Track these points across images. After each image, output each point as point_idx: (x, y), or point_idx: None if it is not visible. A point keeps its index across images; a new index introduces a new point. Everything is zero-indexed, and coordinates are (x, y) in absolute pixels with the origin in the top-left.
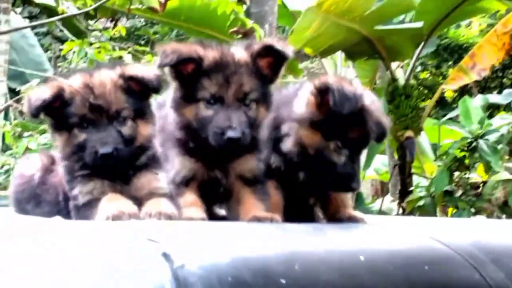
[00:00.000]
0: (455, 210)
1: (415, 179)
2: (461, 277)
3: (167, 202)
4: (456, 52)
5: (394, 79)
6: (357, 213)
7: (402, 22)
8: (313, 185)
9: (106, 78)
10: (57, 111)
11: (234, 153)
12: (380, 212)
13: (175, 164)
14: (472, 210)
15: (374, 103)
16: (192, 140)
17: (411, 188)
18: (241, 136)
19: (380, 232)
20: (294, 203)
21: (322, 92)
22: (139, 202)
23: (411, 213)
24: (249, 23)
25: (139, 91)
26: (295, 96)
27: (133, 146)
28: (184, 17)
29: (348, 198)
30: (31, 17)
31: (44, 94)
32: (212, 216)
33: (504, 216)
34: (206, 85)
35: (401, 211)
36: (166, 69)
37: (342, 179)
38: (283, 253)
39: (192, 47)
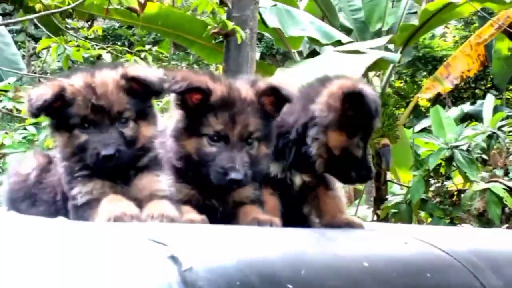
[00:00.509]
0: (430, 219)
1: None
2: (462, 285)
3: (168, 204)
4: (430, 63)
5: None
6: (355, 219)
7: (379, 31)
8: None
9: (108, 78)
10: (57, 111)
11: (233, 190)
12: None
13: (171, 186)
14: (447, 220)
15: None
16: (191, 171)
17: (387, 196)
18: (244, 178)
19: (381, 238)
20: (288, 212)
21: (351, 96)
22: (139, 203)
23: (385, 220)
24: (230, 24)
25: (141, 92)
26: (307, 101)
27: (134, 148)
28: (162, 22)
29: (344, 203)
30: (5, 14)
31: (45, 94)
32: None
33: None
34: (211, 122)
35: (375, 218)
36: (172, 96)
37: (362, 172)
38: (289, 258)
39: (202, 78)
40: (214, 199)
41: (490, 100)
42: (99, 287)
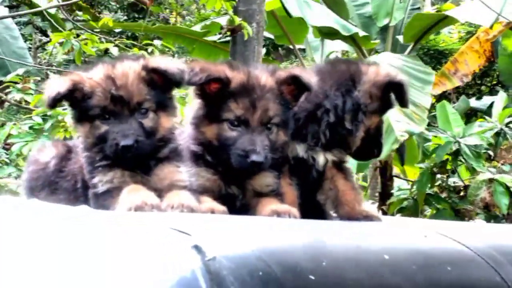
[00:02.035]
0: (434, 211)
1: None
2: (482, 278)
3: (188, 195)
4: (435, 58)
5: None
6: (373, 212)
7: (386, 27)
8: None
9: (129, 70)
10: (78, 103)
11: (254, 174)
12: None
13: (192, 176)
14: (451, 213)
15: None
16: (211, 156)
17: (392, 191)
18: (264, 160)
19: (400, 231)
20: (304, 203)
21: (393, 86)
22: (159, 193)
23: (391, 215)
24: (238, 20)
25: (161, 83)
26: (344, 87)
27: (154, 138)
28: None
29: (361, 195)
30: (12, 7)
31: (60, 86)
32: None
33: (482, 218)
34: (232, 107)
35: (381, 213)
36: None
37: (381, 146)
38: (311, 249)
39: (220, 68)
40: (234, 186)
41: (501, 97)
42: (123, 277)
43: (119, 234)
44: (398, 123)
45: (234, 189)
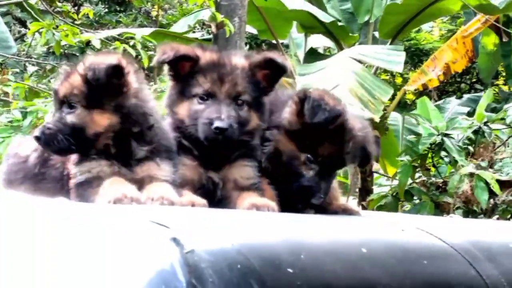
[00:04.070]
0: (414, 205)
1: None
2: (458, 273)
3: (169, 187)
4: (416, 56)
5: None
6: (352, 205)
7: (367, 23)
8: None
9: None
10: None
11: (224, 149)
12: None
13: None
14: (431, 207)
15: (362, 128)
16: (186, 139)
17: (373, 187)
18: (228, 128)
19: (377, 225)
20: (283, 200)
21: (302, 102)
22: (140, 186)
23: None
24: (220, 17)
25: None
26: (287, 103)
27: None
28: None
29: (338, 190)
30: None
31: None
32: None
33: (460, 214)
34: (200, 81)
35: (361, 209)
36: (166, 67)
37: (304, 192)
38: (289, 242)
39: (190, 47)
40: (214, 173)
41: (487, 95)
42: (101, 269)
43: (97, 226)
44: (350, 106)
45: (214, 176)
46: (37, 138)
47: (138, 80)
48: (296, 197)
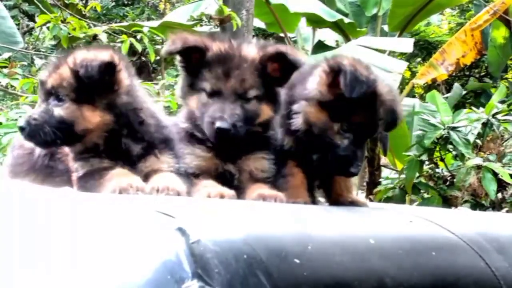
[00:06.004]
0: (421, 200)
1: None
2: (467, 264)
3: (175, 177)
4: (425, 49)
5: None
6: (360, 198)
7: (375, 16)
8: (321, 166)
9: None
10: None
11: (232, 145)
12: None
13: (186, 156)
14: (439, 201)
15: (390, 91)
16: (197, 130)
17: (380, 180)
18: (231, 128)
19: (386, 217)
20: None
21: (335, 72)
22: (146, 177)
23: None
24: (227, 10)
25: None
26: (310, 74)
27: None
28: None
29: (352, 183)
30: None
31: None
32: None
33: (468, 207)
34: (206, 76)
35: (368, 202)
36: (177, 59)
37: (341, 162)
38: (296, 233)
39: (200, 38)
40: (230, 164)
41: (500, 91)
42: (107, 259)
43: (103, 217)
44: None
45: (231, 167)
46: (21, 129)
47: (130, 76)
48: (333, 168)
